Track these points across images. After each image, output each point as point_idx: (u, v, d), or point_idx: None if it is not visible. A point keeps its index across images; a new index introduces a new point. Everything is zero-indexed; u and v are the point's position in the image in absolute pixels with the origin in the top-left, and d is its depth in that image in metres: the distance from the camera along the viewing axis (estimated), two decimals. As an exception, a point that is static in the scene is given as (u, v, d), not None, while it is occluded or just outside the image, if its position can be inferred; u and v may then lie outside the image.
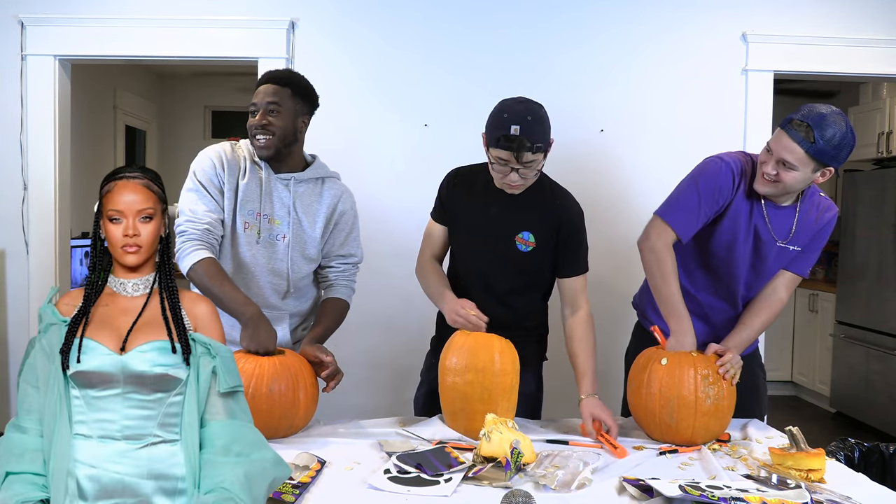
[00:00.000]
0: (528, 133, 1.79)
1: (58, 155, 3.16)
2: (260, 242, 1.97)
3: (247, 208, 1.95)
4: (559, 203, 1.99)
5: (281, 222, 1.98)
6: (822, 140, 1.70)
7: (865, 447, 1.93)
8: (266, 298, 2.00)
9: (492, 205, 1.97)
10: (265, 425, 1.71)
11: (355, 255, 2.12)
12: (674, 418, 1.75)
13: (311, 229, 2.01)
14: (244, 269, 1.98)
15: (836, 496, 1.42)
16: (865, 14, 3.23)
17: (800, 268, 1.99)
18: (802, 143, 1.71)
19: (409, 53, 3.18)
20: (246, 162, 1.97)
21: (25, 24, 3.10)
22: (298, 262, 2.01)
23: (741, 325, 1.98)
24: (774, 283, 2.00)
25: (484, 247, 1.99)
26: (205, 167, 1.93)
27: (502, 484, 1.46)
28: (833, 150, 1.72)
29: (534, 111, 1.83)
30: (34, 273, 3.16)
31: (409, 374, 2.93)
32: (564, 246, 1.99)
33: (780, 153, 1.75)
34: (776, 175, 1.78)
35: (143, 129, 5.76)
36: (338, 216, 2.05)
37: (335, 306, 2.05)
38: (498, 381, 1.77)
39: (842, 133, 1.71)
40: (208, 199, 1.91)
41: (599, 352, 1.99)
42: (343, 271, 2.10)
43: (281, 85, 1.94)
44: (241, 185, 1.95)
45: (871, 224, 4.61)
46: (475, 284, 2.02)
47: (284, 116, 1.93)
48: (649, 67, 3.20)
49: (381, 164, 3.18)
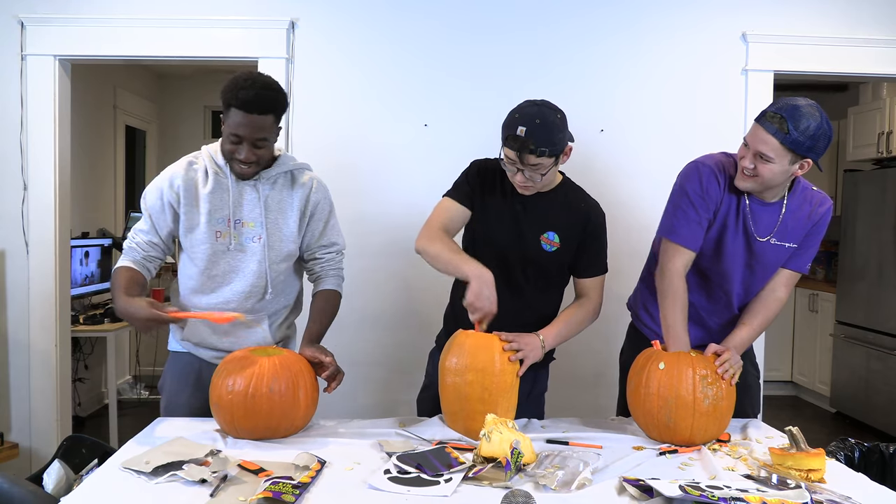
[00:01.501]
0: (533, 136, 1.80)
1: (58, 155, 3.16)
2: (234, 248, 1.95)
3: (216, 217, 1.93)
4: (584, 206, 2.02)
5: (255, 224, 1.95)
6: (797, 131, 1.72)
7: (865, 447, 1.93)
8: (242, 303, 1.98)
9: (519, 202, 1.98)
10: (265, 425, 1.72)
11: (337, 243, 2.09)
12: (672, 419, 1.75)
13: (286, 225, 1.98)
14: (218, 278, 1.97)
15: (836, 496, 1.42)
16: (865, 14, 3.23)
17: (798, 265, 1.99)
18: (777, 135, 1.73)
19: (409, 54, 3.17)
20: (208, 171, 1.93)
21: (25, 24, 3.10)
22: (276, 261, 1.99)
23: (741, 324, 1.98)
24: (773, 282, 2.01)
25: (508, 243, 1.99)
26: (151, 194, 1.96)
27: (502, 484, 1.46)
28: (808, 140, 1.73)
29: (545, 115, 1.83)
30: (34, 273, 3.15)
31: (409, 375, 2.93)
32: (586, 249, 2.02)
33: (756, 146, 1.77)
34: (754, 169, 1.79)
35: (143, 128, 5.76)
36: (312, 207, 2.01)
37: (327, 299, 2.03)
38: (497, 382, 1.77)
39: (816, 123, 1.72)
40: (148, 223, 1.95)
41: (595, 353, 2.00)
42: (328, 261, 2.07)
43: (264, 114, 1.81)
44: (204, 196, 1.92)
45: (872, 224, 4.61)
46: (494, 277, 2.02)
47: (269, 145, 1.89)
48: (649, 67, 3.20)
49: (381, 164, 3.18)
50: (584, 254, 2.02)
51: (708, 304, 2.05)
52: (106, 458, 1.64)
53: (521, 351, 1.84)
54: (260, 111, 1.80)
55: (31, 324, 3.16)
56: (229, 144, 1.86)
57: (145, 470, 1.48)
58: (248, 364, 1.73)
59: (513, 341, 1.85)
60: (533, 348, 1.88)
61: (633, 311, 2.25)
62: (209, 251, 1.94)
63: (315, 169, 2.12)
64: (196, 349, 2.06)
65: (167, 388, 2.08)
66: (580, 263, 2.04)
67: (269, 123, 1.84)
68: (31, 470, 3.03)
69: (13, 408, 3.20)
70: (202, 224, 1.93)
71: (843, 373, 4.84)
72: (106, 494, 1.41)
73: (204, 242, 1.94)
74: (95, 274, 4.32)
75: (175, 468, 1.48)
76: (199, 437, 1.71)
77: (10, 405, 3.20)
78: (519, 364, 1.84)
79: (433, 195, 2.09)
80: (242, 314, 1.88)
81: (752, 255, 1.96)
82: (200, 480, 1.43)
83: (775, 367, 5.40)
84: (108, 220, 5.06)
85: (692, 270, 2.00)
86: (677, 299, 1.90)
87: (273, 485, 1.37)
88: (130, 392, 4.92)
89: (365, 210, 3.17)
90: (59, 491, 1.96)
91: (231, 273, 1.96)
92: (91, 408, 4.60)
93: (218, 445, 1.67)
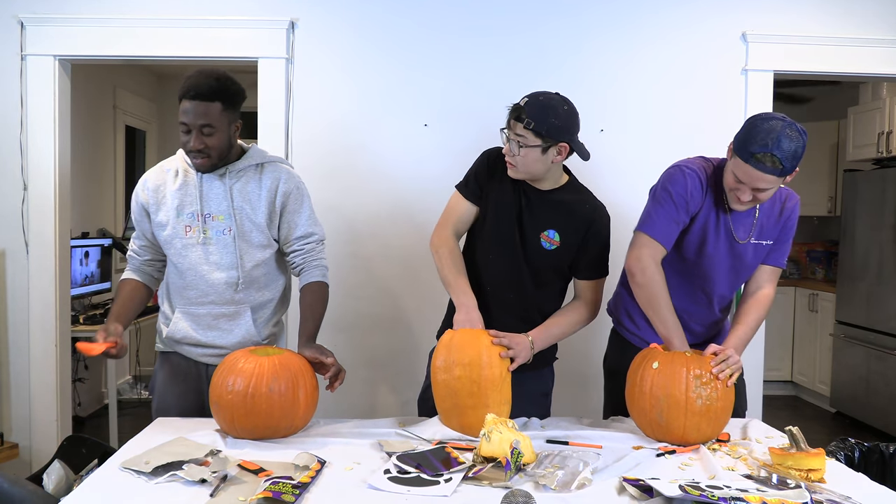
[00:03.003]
0: (528, 105, 1.87)
1: (58, 155, 3.15)
2: (204, 242, 1.98)
3: (185, 212, 1.98)
4: (588, 208, 2.02)
5: (224, 216, 1.98)
6: (787, 161, 1.77)
7: (865, 447, 1.94)
8: (220, 294, 2.00)
9: (523, 197, 1.99)
10: (265, 425, 1.72)
11: (315, 233, 2.08)
12: (663, 417, 1.75)
13: (254, 215, 2.00)
14: (192, 271, 2.00)
15: (836, 496, 1.42)
16: (865, 14, 3.23)
17: (776, 259, 2.06)
18: (773, 172, 1.78)
19: (410, 54, 3.17)
20: (178, 170, 2.01)
21: (25, 24, 3.10)
22: (247, 251, 2.00)
23: (737, 324, 2.01)
24: (757, 280, 2.06)
25: (508, 238, 1.99)
26: (132, 200, 2.07)
27: (502, 484, 1.46)
28: (796, 160, 1.79)
29: (549, 98, 1.90)
30: (34, 273, 3.15)
31: (409, 375, 2.93)
32: (587, 250, 2.02)
33: (754, 184, 1.82)
34: (752, 199, 1.87)
35: (143, 129, 5.76)
36: (282, 198, 2.02)
37: (314, 293, 2.03)
38: (486, 375, 1.78)
39: (797, 142, 1.77)
40: (137, 228, 2.08)
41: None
42: (308, 252, 2.07)
43: (209, 100, 1.87)
44: (172, 192, 1.99)
45: (871, 224, 4.61)
46: (491, 272, 2.03)
47: (219, 134, 1.91)
48: (649, 67, 3.20)
49: (381, 165, 3.17)
50: (585, 255, 2.02)
51: (690, 307, 2.07)
52: (106, 458, 1.64)
53: (510, 350, 1.85)
54: (203, 98, 1.86)
55: (31, 324, 3.16)
56: (182, 136, 1.92)
57: (145, 470, 1.48)
58: (248, 364, 1.74)
59: (503, 337, 1.86)
60: (523, 348, 1.89)
61: (615, 317, 2.25)
62: (180, 245, 1.99)
63: (314, 169, 2.13)
64: (180, 346, 2.07)
65: (157, 389, 2.10)
66: (579, 264, 2.04)
67: (216, 111, 1.88)
68: (32, 470, 3.03)
69: (13, 408, 3.20)
70: (171, 220, 1.98)
71: (843, 373, 4.84)
72: (106, 494, 1.41)
73: (174, 238, 1.99)
74: (95, 274, 4.32)
75: (175, 468, 1.48)
76: (198, 437, 1.71)
77: (11, 405, 3.20)
78: (509, 360, 1.85)
79: (433, 195, 2.10)
80: (111, 342, 1.85)
81: (735, 257, 2.01)
82: (200, 480, 1.43)
83: (775, 366, 5.40)
84: (108, 220, 5.06)
85: (672, 274, 2.01)
86: (661, 294, 1.93)
87: (273, 485, 1.38)
88: (130, 392, 4.92)
89: (365, 210, 3.16)
90: (59, 491, 1.97)
91: (204, 265, 1.99)
92: (91, 408, 4.60)
93: (218, 445, 1.67)
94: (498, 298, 2.02)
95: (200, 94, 1.86)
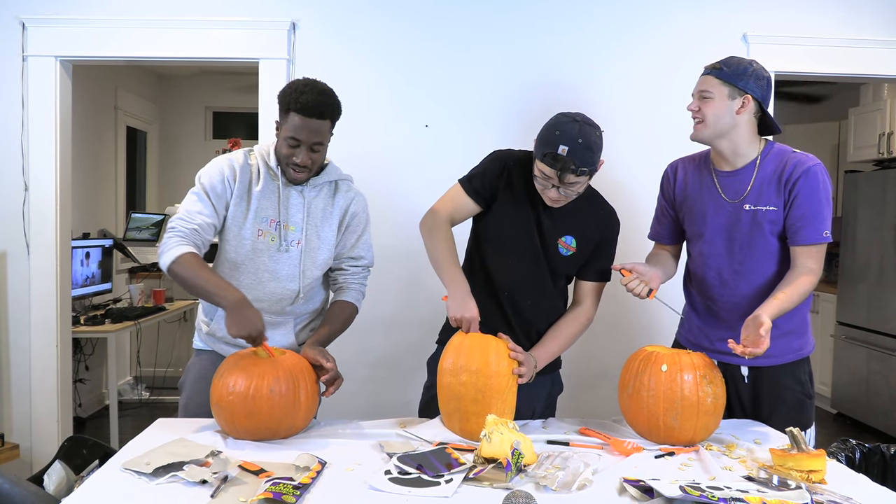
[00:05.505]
0: (575, 155, 1.79)
1: (59, 156, 3.16)
2: (272, 249, 1.96)
3: (262, 216, 1.95)
4: (603, 213, 2.02)
5: (295, 228, 1.97)
6: (728, 67, 1.91)
7: (866, 448, 1.94)
8: (273, 304, 2.00)
9: (540, 203, 1.96)
10: (265, 426, 1.72)
11: (365, 257, 2.10)
12: (678, 420, 1.75)
13: (325, 233, 2.01)
14: (252, 276, 1.98)
15: (836, 497, 1.42)
16: (865, 14, 3.23)
17: (809, 236, 1.90)
18: (712, 73, 1.94)
19: (410, 54, 3.18)
20: (260, 170, 1.97)
21: (27, 25, 3.10)
22: (310, 268, 2.00)
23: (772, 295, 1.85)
24: (796, 260, 1.92)
25: (524, 244, 1.99)
26: (212, 174, 1.93)
27: (503, 485, 1.46)
28: (739, 73, 1.90)
29: (586, 134, 1.81)
30: (35, 274, 3.16)
31: (410, 375, 2.93)
32: (599, 255, 2.02)
33: (696, 89, 1.97)
34: (699, 111, 1.95)
35: (144, 129, 5.77)
36: (349, 218, 2.04)
37: (343, 310, 2.04)
38: (492, 383, 1.77)
39: (747, 63, 1.92)
40: (206, 204, 1.91)
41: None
42: (353, 274, 2.09)
43: (322, 118, 1.87)
44: (255, 194, 1.95)
45: (872, 225, 4.61)
46: (503, 277, 2.02)
47: (324, 150, 1.93)
48: (649, 67, 3.20)
49: (382, 165, 3.18)
50: (595, 259, 2.03)
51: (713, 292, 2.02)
52: (106, 459, 1.63)
53: (521, 367, 1.84)
54: (318, 115, 1.85)
55: (31, 324, 3.17)
56: (287, 148, 1.89)
57: (146, 471, 1.48)
58: (249, 365, 1.74)
59: (518, 353, 1.85)
60: (530, 368, 1.88)
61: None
62: (249, 247, 1.96)
63: (315, 169, 2.12)
64: (218, 344, 2.06)
65: (187, 386, 2.07)
66: (586, 265, 2.04)
67: (326, 129, 1.90)
68: (32, 471, 3.03)
69: (14, 408, 3.20)
70: (249, 220, 1.95)
71: (844, 374, 4.84)
72: (107, 495, 1.41)
73: (247, 238, 1.95)
74: (96, 275, 4.32)
75: (176, 469, 1.48)
76: (199, 438, 1.71)
77: (11, 406, 3.20)
78: (517, 364, 1.84)
79: (434, 196, 2.09)
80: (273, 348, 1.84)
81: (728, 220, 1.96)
82: (201, 481, 1.43)
83: (776, 367, 5.39)
84: (108, 220, 5.06)
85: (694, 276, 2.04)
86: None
87: (274, 485, 1.38)
88: (131, 393, 4.92)
89: (365, 211, 3.16)
90: (60, 492, 1.97)
91: (266, 273, 1.98)
92: (92, 409, 4.60)
93: (218, 446, 1.67)
94: (513, 302, 2.01)
95: (317, 112, 1.85)
